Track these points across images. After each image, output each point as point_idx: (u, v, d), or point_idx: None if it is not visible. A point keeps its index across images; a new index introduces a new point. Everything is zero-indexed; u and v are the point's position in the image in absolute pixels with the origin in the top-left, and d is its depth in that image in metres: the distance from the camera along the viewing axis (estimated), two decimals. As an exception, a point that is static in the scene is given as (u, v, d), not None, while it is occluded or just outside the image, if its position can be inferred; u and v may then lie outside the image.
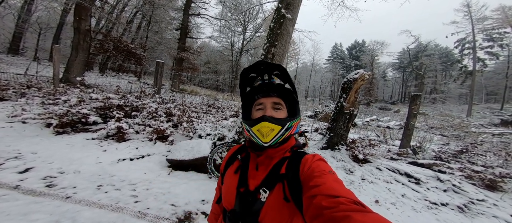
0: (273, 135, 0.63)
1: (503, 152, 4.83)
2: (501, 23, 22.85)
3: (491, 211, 2.76)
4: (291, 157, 0.64)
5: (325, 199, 0.44)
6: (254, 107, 0.71)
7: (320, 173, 0.53)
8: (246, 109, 0.75)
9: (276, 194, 0.58)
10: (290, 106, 0.71)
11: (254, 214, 0.58)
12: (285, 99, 0.70)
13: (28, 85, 5.67)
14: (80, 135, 3.62)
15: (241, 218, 0.61)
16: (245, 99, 0.75)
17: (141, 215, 1.95)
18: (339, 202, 0.41)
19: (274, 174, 0.61)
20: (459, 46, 29.75)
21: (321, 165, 0.57)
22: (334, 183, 0.49)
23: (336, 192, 0.45)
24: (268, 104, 0.67)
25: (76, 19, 7.22)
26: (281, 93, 0.69)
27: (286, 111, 0.69)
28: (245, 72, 0.70)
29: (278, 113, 0.67)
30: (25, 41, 18.67)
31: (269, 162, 0.65)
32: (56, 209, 1.81)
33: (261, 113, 0.66)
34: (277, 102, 0.68)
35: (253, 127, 0.64)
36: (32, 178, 2.23)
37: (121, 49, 11.34)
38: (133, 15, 17.72)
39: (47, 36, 20.67)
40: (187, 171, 3.09)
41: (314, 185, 0.50)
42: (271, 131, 0.62)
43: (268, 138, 0.62)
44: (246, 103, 0.75)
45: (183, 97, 8.88)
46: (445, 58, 36.01)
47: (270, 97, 0.68)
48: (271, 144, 0.63)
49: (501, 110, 20.60)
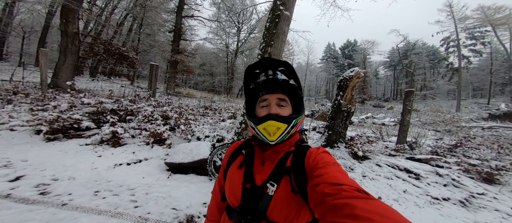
0: (280, 134, 0.62)
1: (495, 145, 4.98)
2: (481, 22, 23.94)
3: (492, 205, 2.79)
4: (296, 151, 0.65)
5: (328, 187, 0.44)
6: (258, 103, 0.69)
7: (324, 164, 0.54)
8: (250, 106, 0.73)
9: (283, 187, 0.58)
10: (295, 103, 0.70)
11: (262, 209, 0.58)
12: (290, 96, 0.68)
13: (14, 91, 5.41)
14: (73, 141, 3.46)
15: (249, 214, 0.59)
16: (249, 95, 0.73)
17: (142, 220, 1.86)
18: (341, 190, 0.41)
19: (281, 168, 0.61)
20: (445, 44, 30.92)
21: (325, 157, 0.58)
22: (338, 173, 0.49)
23: (339, 180, 0.45)
24: (273, 101, 0.66)
25: (63, 22, 6.96)
26: (285, 89, 0.68)
27: (291, 107, 0.68)
28: (250, 69, 0.70)
29: (283, 110, 0.66)
30: (9, 46, 17.93)
31: (275, 156, 0.65)
32: (52, 216, 1.72)
33: (266, 110, 0.66)
34: (281, 98, 0.66)
35: (258, 125, 0.63)
36: (24, 186, 2.10)
37: (112, 52, 11.04)
38: (124, 17, 17.31)
39: (31, 39, 19.87)
40: (186, 174, 3.01)
41: (318, 175, 0.50)
42: (277, 130, 0.62)
43: (275, 136, 0.62)
44: (251, 100, 0.73)
45: (179, 99, 8.73)
46: (433, 56, 37.29)
47: (275, 93, 0.67)
48: (277, 142, 0.63)
49: (487, 105, 21.44)
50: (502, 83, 29.98)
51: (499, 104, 15.88)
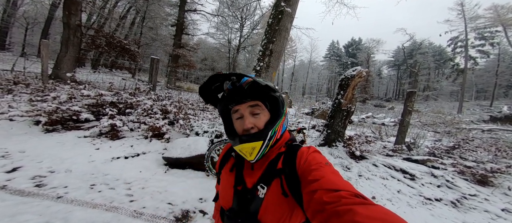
0: (256, 153, 0.58)
1: (493, 148, 4.96)
2: (493, 21, 23.38)
3: (482, 206, 2.84)
4: (287, 151, 0.62)
5: (326, 194, 0.43)
6: (232, 115, 0.65)
7: (317, 166, 0.52)
8: (227, 123, 0.69)
9: (274, 189, 0.57)
10: (271, 104, 0.64)
11: (253, 211, 0.57)
12: (263, 99, 0.63)
13: (15, 82, 5.44)
14: (71, 133, 3.50)
15: (240, 217, 0.59)
16: (221, 111, 0.68)
17: (137, 215, 1.89)
18: (340, 196, 0.41)
19: (271, 170, 0.60)
20: (452, 44, 30.39)
21: (317, 157, 0.56)
22: (332, 176, 0.49)
23: (336, 185, 0.45)
24: (245, 112, 0.61)
25: (65, 14, 6.95)
26: (255, 94, 0.61)
27: (268, 111, 0.63)
28: (204, 88, 0.64)
29: (258, 120, 0.61)
30: (12, 36, 17.98)
31: (265, 160, 0.63)
32: (46, 209, 1.74)
33: (241, 123, 0.61)
34: (253, 105, 0.61)
35: (235, 147, 0.61)
36: (20, 178, 2.13)
37: (114, 45, 10.99)
38: (127, 10, 17.22)
39: (34, 31, 19.91)
40: (184, 169, 3.03)
41: (313, 179, 0.49)
42: (252, 150, 0.58)
43: (252, 156, 0.59)
44: (225, 117, 0.68)
45: (179, 94, 8.73)
46: (438, 56, 36.74)
47: (245, 102, 0.61)
48: (257, 159, 0.60)
49: (490, 107, 21.21)
50: (507, 85, 29.61)
51: (501, 107, 15.69)
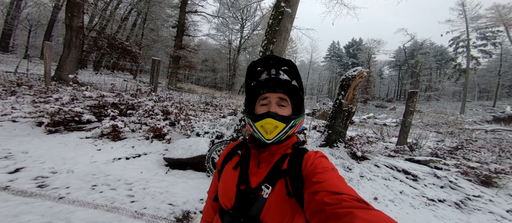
0: (277, 133, 0.61)
1: (496, 148, 4.91)
2: (494, 21, 23.23)
3: (487, 207, 2.80)
4: (293, 153, 0.64)
5: (328, 196, 0.43)
6: (258, 101, 0.69)
7: (323, 170, 0.53)
8: (250, 103, 0.73)
9: (278, 190, 0.57)
10: (295, 104, 0.69)
11: (256, 211, 0.57)
12: (291, 96, 0.68)
13: (18, 83, 5.50)
14: (73, 134, 3.52)
15: (242, 216, 0.58)
16: (249, 93, 0.72)
17: (138, 215, 1.89)
18: (342, 199, 0.41)
19: (276, 170, 0.61)
20: (454, 44, 30.21)
21: (323, 162, 0.57)
22: (337, 180, 0.49)
23: (339, 189, 0.45)
24: (273, 100, 0.65)
25: (68, 16, 7.02)
26: (287, 89, 0.67)
27: (291, 108, 0.68)
28: (253, 66, 0.68)
29: (282, 110, 0.65)
30: (15, 38, 18.15)
31: (271, 158, 0.64)
32: (49, 210, 1.75)
33: (265, 108, 0.65)
34: (282, 97, 0.66)
35: (256, 122, 0.62)
36: (23, 179, 2.14)
37: (116, 46, 11.08)
38: (128, 12, 17.34)
39: (38, 33, 20.09)
40: (185, 169, 3.04)
41: (317, 181, 0.49)
42: (275, 128, 0.61)
43: (272, 135, 0.61)
44: (251, 97, 0.72)
45: (180, 95, 8.76)
46: (440, 56, 36.53)
47: (276, 92, 0.66)
48: (273, 141, 0.61)
49: (493, 107, 21.02)
50: (509, 85, 29.33)
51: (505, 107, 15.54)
